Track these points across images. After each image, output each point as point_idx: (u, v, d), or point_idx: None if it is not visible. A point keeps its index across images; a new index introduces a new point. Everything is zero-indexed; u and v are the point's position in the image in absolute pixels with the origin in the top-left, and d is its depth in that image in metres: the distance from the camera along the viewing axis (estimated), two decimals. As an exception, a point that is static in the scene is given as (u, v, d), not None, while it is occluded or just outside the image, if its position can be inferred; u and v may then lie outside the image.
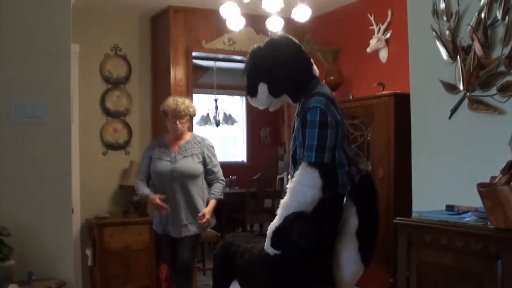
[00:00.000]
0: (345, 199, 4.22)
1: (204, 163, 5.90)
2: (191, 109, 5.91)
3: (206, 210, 5.84)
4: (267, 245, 4.12)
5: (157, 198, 5.68)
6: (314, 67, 4.34)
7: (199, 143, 5.95)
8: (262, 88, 4.20)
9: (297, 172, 4.07)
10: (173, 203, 5.72)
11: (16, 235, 4.16)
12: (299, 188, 4.01)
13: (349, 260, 4.16)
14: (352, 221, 4.19)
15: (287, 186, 4.22)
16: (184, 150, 5.86)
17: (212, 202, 5.92)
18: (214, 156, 6.03)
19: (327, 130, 4.01)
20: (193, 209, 5.78)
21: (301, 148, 4.11)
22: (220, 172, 6.02)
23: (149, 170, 5.88)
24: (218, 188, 5.97)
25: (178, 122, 5.80)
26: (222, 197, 6.02)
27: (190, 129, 6.38)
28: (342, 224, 4.24)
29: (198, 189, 5.84)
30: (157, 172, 5.80)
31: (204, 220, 5.80)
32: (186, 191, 5.76)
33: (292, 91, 4.24)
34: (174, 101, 5.83)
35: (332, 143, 4.04)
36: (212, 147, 6.09)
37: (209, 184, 5.97)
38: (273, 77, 4.18)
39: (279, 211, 4.09)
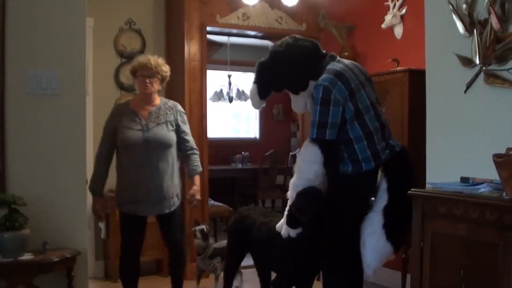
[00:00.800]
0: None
1: (177, 131, 5.26)
2: (163, 68, 5.23)
3: (196, 190, 5.34)
4: (285, 228, 4.26)
5: (99, 204, 5.19)
6: (320, 47, 4.42)
7: (172, 108, 5.30)
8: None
9: (300, 150, 4.23)
10: (151, 176, 5.05)
11: (31, 205, 4.21)
12: (301, 165, 4.15)
13: (371, 235, 4.17)
14: (382, 197, 4.21)
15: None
16: (157, 117, 5.17)
17: (197, 179, 5.41)
18: (187, 123, 5.40)
19: (330, 107, 4.07)
20: (172, 181, 5.20)
21: None
22: (193, 141, 5.44)
23: (113, 143, 5.14)
24: (197, 161, 5.41)
25: (148, 80, 5.12)
26: (201, 169, 5.50)
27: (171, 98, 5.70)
28: (375, 200, 4.27)
29: (174, 160, 5.24)
30: (127, 143, 5.06)
31: (195, 203, 5.35)
32: (164, 162, 5.12)
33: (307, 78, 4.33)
34: (145, 58, 5.22)
35: (336, 120, 4.09)
36: (184, 113, 5.44)
37: (184, 156, 5.39)
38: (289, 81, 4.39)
39: (289, 192, 4.21)
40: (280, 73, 4.39)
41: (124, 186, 5.10)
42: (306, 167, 4.11)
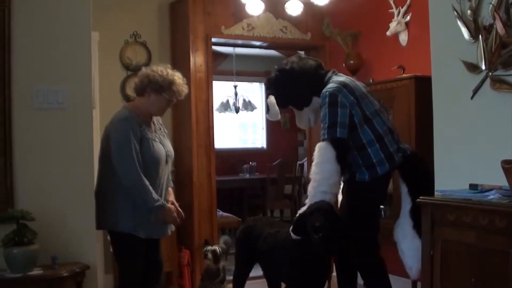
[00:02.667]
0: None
1: None
2: None
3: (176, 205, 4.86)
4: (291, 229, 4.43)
5: (172, 208, 4.76)
6: (323, 66, 4.91)
7: (159, 122, 4.89)
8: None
9: (314, 153, 4.46)
10: (165, 193, 4.76)
11: (40, 220, 4.20)
12: (316, 167, 4.39)
13: (404, 240, 4.58)
14: (406, 201, 4.62)
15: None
16: (159, 128, 4.82)
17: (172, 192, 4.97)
18: None
19: (337, 108, 4.43)
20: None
21: None
22: None
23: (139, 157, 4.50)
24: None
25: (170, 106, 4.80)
26: None
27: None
28: (401, 205, 4.69)
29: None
30: (155, 158, 4.60)
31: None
32: (167, 181, 4.82)
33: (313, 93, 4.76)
34: (183, 80, 4.76)
35: (345, 119, 4.45)
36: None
37: None
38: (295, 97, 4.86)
39: (308, 196, 4.45)
40: (286, 89, 4.76)
41: (141, 207, 4.52)
42: (320, 167, 4.37)
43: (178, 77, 4.71)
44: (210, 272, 5.92)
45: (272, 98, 4.82)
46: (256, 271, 5.20)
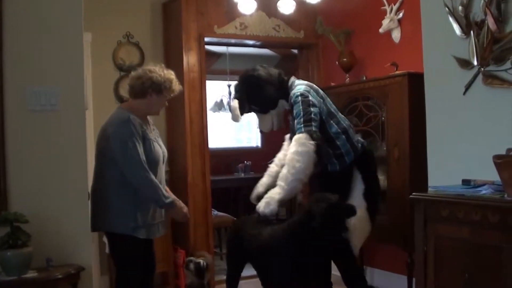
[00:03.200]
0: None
1: None
2: None
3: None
4: (261, 209, 4.73)
5: (182, 204, 4.78)
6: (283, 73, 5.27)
7: (153, 124, 4.87)
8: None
9: (290, 145, 4.78)
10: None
11: (33, 222, 4.20)
12: (294, 157, 4.66)
13: (360, 220, 4.82)
14: (359, 186, 5.05)
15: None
16: (154, 130, 4.79)
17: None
18: None
19: (310, 107, 4.84)
20: None
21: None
22: None
23: (143, 156, 4.48)
24: None
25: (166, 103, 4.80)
26: None
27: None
28: (351, 188, 5.06)
29: None
30: (157, 158, 4.61)
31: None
32: (164, 180, 4.79)
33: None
34: (178, 84, 4.77)
35: (317, 117, 4.86)
36: None
37: None
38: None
39: (279, 182, 4.72)
40: (254, 93, 5.11)
41: (141, 207, 4.50)
42: (301, 156, 4.64)
43: (173, 74, 4.74)
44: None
45: (235, 103, 5.17)
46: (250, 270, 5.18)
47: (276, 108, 5.19)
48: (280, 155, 5.51)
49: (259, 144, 12.65)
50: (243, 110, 5.19)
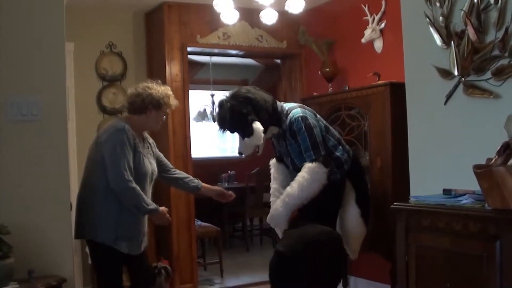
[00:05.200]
0: None
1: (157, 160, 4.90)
2: None
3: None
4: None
5: (165, 210, 4.70)
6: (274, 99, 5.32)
7: (149, 139, 4.90)
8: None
9: (302, 172, 4.95)
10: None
11: (15, 233, 4.15)
12: (309, 184, 4.89)
13: (356, 226, 5.18)
14: (351, 193, 5.31)
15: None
16: (148, 148, 4.79)
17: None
18: None
19: (313, 129, 5.03)
20: None
21: (299, 157, 5.09)
22: None
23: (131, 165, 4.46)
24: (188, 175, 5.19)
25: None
26: None
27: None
28: (344, 196, 5.30)
29: None
30: (144, 173, 4.58)
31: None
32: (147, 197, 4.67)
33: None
34: (172, 94, 4.77)
35: (321, 138, 5.06)
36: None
37: (173, 178, 5.09)
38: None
39: (285, 198, 4.99)
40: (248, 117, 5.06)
41: (124, 220, 4.49)
42: (313, 185, 4.90)
43: (169, 90, 4.80)
44: None
45: (258, 125, 5.06)
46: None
47: (265, 134, 5.18)
48: (275, 185, 5.62)
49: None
50: (232, 130, 5.23)
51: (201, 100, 11.10)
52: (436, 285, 3.44)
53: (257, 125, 5.02)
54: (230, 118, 5.10)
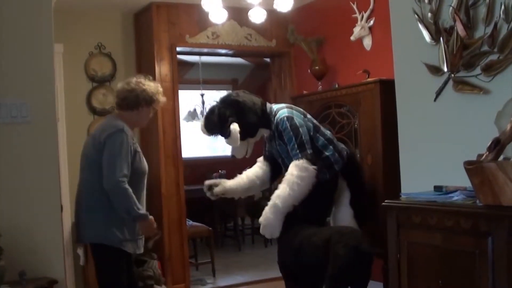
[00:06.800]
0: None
1: None
2: None
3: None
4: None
5: (153, 219, 4.56)
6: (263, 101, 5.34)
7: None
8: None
9: (290, 170, 4.91)
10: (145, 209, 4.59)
11: (6, 235, 4.14)
12: (295, 180, 4.83)
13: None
14: (346, 194, 5.30)
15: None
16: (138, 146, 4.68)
17: None
18: None
19: (299, 129, 5.02)
20: None
21: (288, 156, 5.05)
22: None
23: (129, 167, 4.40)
24: None
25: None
26: None
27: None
28: (337, 197, 5.31)
29: None
30: (144, 171, 4.61)
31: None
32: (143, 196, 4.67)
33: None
34: (162, 91, 4.72)
35: (308, 137, 5.03)
36: None
37: None
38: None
39: (274, 201, 4.87)
40: (237, 119, 5.09)
41: (129, 221, 4.44)
42: (301, 184, 4.82)
43: (160, 86, 4.75)
44: None
45: (236, 126, 5.09)
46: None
47: (255, 137, 5.28)
48: (250, 172, 5.67)
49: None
50: (215, 132, 5.25)
51: (191, 100, 11.06)
52: (428, 282, 3.44)
53: (234, 126, 5.05)
54: (213, 120, 5.20)
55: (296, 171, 4.86)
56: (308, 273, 4.87)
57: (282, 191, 4.87)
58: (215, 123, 5.16)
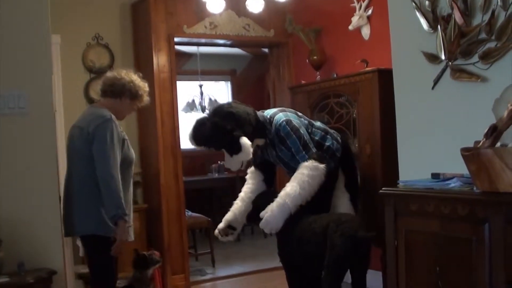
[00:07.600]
0: None
1: None
2: None
3: None
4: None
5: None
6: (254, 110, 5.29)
7: None
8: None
9: (300, 170, 4.96)
10: (129, 204, 4.52)
11: (5, 226, 4.18)
12: (306, 179, 4.89)
13: (346, 211, 5.26)
14: (340, 178, 5.44)
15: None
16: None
17: None
18: None
19: (299, 130, 5.11)
20: None
21: (292, 160, 5.10)
22: None
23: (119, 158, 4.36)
24: None
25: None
26: None
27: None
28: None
29: None
30: (131, 161, 4.54)
31: None
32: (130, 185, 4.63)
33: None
34: (147, 92, 4.69)
35: (308, 136, 5.17)
36: None
37: None
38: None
39: (285, 200, 4.87)
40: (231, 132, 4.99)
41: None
42: (313, 183, 4.91)
43: (147, 87, 4.67)
44: None
45: (245, 140, 4.99)
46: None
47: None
48: (244, 191, 5.69)
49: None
50: (209, 145, 5.15)
51: (190, 91, 11.06)
52: (425, 269, 3.45)
53: (245, 140, 4.95)
54: (215, 135, 5.01)
55: (307, 170, 4.93)
56: (310, 262, 4.87)
57: (293, 190, 4.87)
58: (217, 138, 5.03)
